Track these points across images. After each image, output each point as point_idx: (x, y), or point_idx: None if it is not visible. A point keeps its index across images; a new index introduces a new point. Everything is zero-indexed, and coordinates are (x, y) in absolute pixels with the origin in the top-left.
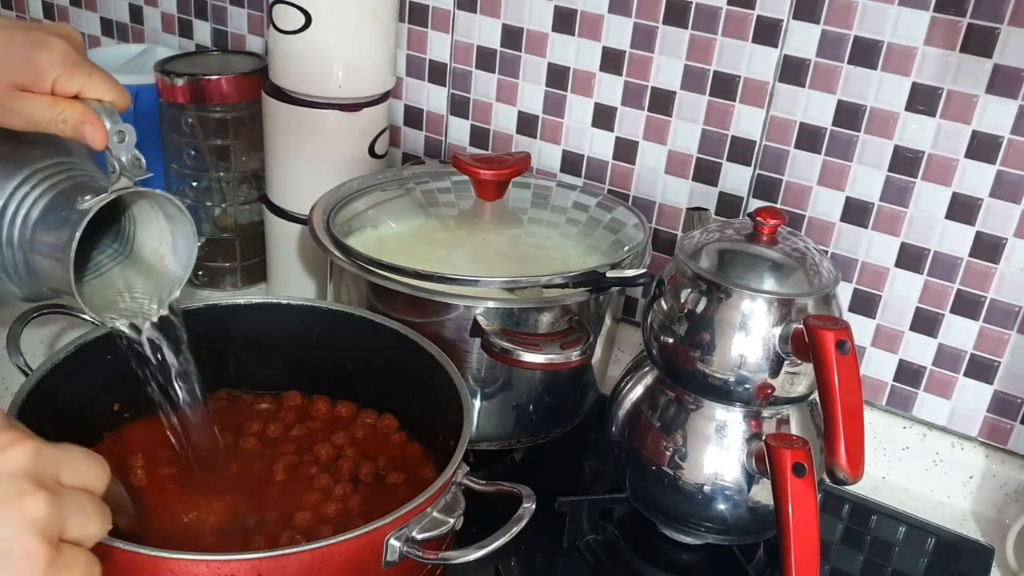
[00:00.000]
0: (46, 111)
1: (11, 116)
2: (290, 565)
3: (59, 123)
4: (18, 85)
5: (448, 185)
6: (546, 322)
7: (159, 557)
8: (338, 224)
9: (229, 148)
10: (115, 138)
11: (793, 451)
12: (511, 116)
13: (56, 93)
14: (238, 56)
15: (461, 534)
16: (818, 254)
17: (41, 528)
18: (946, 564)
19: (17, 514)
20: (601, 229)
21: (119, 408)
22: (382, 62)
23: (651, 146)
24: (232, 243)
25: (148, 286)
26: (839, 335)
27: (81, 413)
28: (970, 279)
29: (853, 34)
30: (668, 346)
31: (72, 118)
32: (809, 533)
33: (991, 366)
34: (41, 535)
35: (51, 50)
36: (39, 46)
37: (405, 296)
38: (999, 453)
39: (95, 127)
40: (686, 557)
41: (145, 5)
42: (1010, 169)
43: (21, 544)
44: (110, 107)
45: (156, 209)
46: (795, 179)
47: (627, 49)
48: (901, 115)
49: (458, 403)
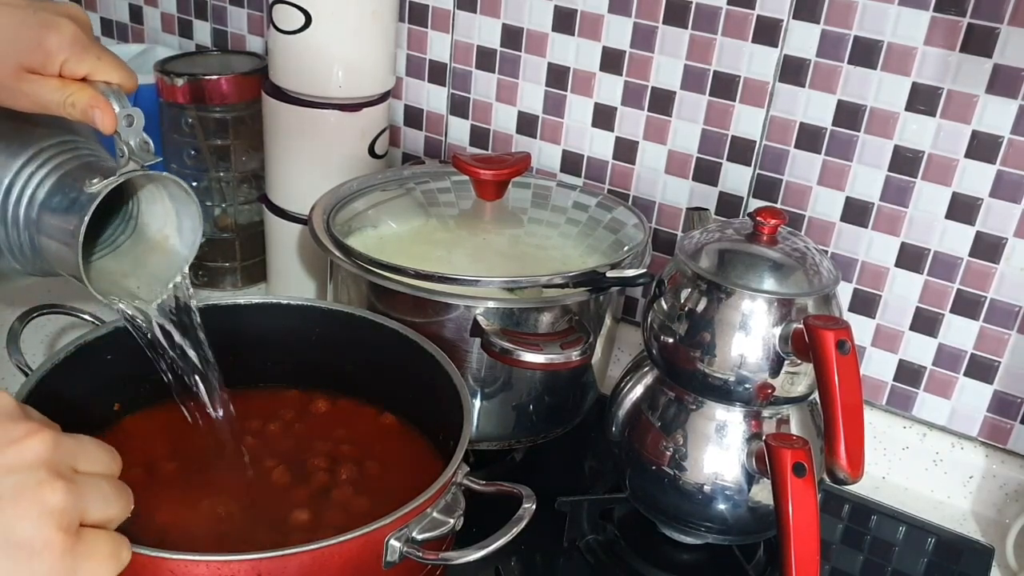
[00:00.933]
0: (55, 93)
1: (20, 98)
2: (290, 565)
3: (68, 106)
4: (26, 67)
5: (448, 185)
6: (546, 322)
7: (159, 557)
8: (338, 224)
9: (229, 148)
10: (124, 122)
11: (793, 451)
12: (511, 116)
13: (64, 75)
14: (238, 56)
15: (461, 534)
16: (818, 254)
17: (58, 517)
18: (946, 564)
19: (37, 505)
20: (601, 229)
21: (119, 408)
22: (382, 62)
23: (651, 146)
24: (232, 243)
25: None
26: (839, 335)
27: (81, 413)
28: (970, 279)
29: (853, 34)
30: (668, 346)
31: (81, 102)
32: (809, 533)
33: (991, 366)
34: (58, 524)
35: (60, 32)
36: (48, 27)
37: (405, 296)
38: (999, 453)
39: (104, 111)
40: (686, 557)
41: (145, 5)
42: (1010, 169)
43: (42, 536)
44: (118, 89)
45: (161, 190)
46: (795, 179)
47: (627, 49)
48: (901, 115)
49: (458, 403)
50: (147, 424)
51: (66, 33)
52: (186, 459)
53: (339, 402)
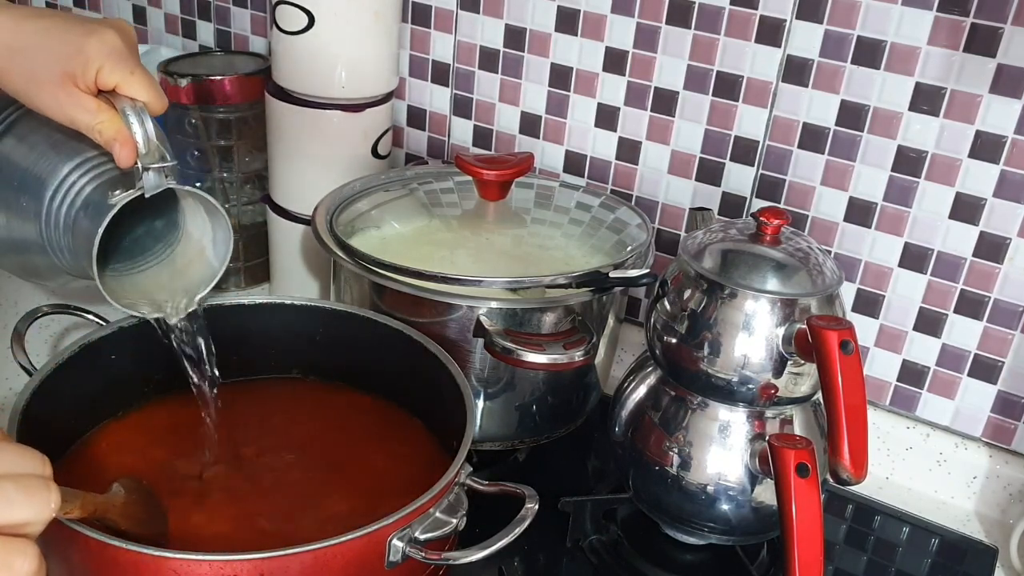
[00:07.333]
0: (86, 115)
1: (56, 110)
2: (292, 565)
3: (95, 132)
4: (68, 72)
5: (451, 185)
6: (549, 322)
7: (162, 557)
8: (341, 224)
9: (232, 149)
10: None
11: (797, 451)
12: (514, 116)
13: (98, 84)
14: (241, 57)
15: (464, 534)
16: (821, 254)
17: None
18: (950, 564)
19: None
20: (604, 229)
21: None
22: (385, 62)
23: (654, 146)
24: (235, 243)
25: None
26: (842, 335)
27: (84, 413)
28: (974, 279)
29: (856, 34)
30: (671, 346)
31: (107, 132)
32: (813, 533)
33: (995, 366)
34: None
35: (101, 40)
36: (91, 34)
37: (408, 296)
38: (1003, 453)
39: (124, 147)
40: (689, 557)
41: (148, 6)
42: (1014, 169)
43: None
44: (143, 108)
45: (198, 203)
46: (798, 179)
47: (630, 49)
48: (904, 115)
49: (461, 404)
50: (148, 424)
51: (107, 42)
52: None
53: (341, 402)
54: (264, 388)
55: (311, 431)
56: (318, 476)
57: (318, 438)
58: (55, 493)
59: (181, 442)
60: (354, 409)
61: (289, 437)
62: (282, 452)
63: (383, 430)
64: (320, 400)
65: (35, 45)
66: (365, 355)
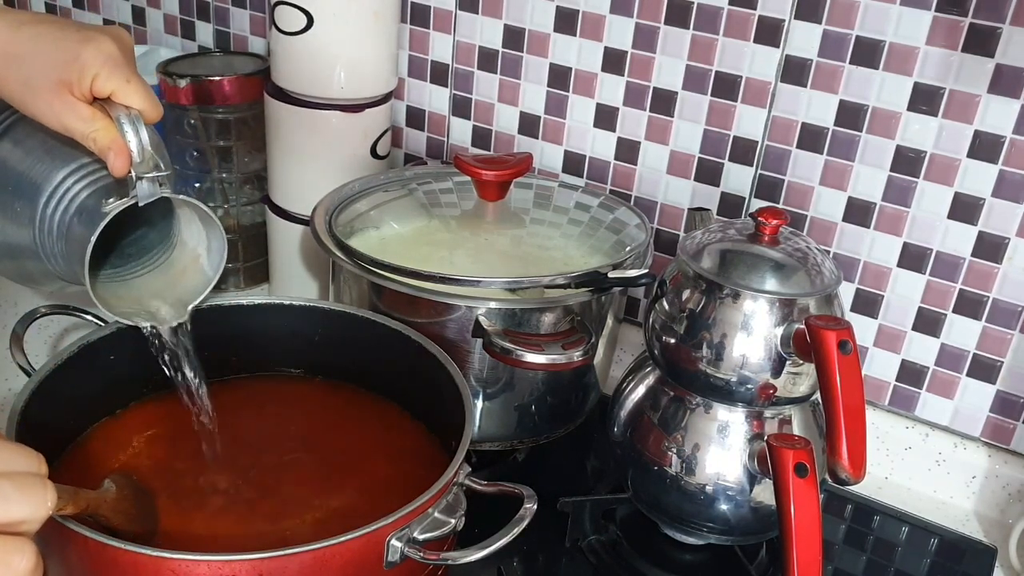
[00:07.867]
0: (81, 123)
1: (51, 118)
2: (291, 565)
3: (90, 140)
4: (64, 82)
5: (450, 186)
6: (548, 322)
7: (160, 557)
8: (340, 225)
9: (231, 149)
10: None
11: (795, 451)
12: (513, 117)
13: (93, 91)
14: (240, 57)
15: (463, 534)
16: (820, 254)
17: None
18: (949, 564)
19: None
20: (603, 229)
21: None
22: (384, 63)
23: (653, 146)
24: (235, 244)
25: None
26: (841, 335)
27: (83, 413)
28: (972, 279)
29: (855, 34)
30: (670, 346)
31: (102, 140)
32: (811, 533)
33: (994, 366)
34: None
35: (98, 47)
36: (88, 42)
37: (407, 297)
38: (1002, 453)
39: (118, 155)
40: (688, 557)
41: (147, 7)
42: (1012, 169)
43: None
44: (138, 116)
45: (193, 211)
46: (797, 179)
47: (629, 49)
48: (903, 115)
49: (460, 404)
50: (147, 424)
51: (104, 49)
52: (186, 458)
53: (340, 402)
54: (263, 388)
55: (310, 431)
56: (316, 476)
57: (317, 438)
58: (51, 491)
59: (180, 442)
60: (353, 409)
61: (288, 437)
62: (281, 452)
63: (382, 430)
64: (319, 400)
65: (31, 51)
66: (364, 355)
